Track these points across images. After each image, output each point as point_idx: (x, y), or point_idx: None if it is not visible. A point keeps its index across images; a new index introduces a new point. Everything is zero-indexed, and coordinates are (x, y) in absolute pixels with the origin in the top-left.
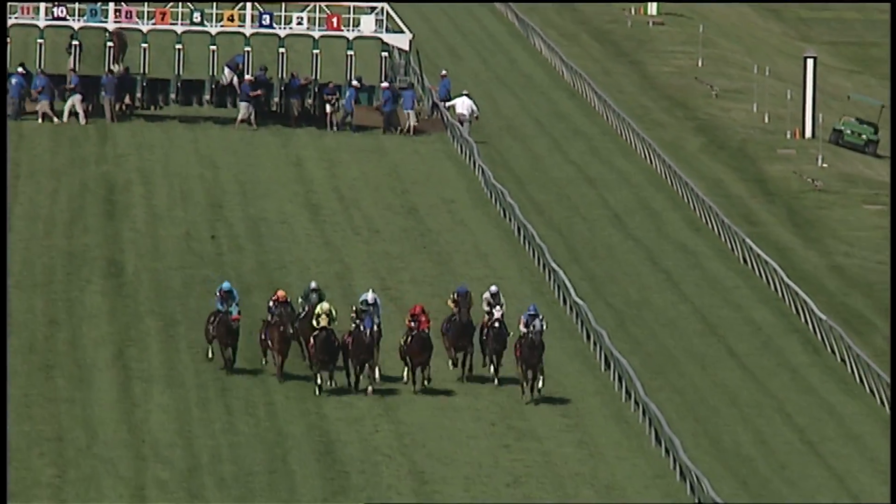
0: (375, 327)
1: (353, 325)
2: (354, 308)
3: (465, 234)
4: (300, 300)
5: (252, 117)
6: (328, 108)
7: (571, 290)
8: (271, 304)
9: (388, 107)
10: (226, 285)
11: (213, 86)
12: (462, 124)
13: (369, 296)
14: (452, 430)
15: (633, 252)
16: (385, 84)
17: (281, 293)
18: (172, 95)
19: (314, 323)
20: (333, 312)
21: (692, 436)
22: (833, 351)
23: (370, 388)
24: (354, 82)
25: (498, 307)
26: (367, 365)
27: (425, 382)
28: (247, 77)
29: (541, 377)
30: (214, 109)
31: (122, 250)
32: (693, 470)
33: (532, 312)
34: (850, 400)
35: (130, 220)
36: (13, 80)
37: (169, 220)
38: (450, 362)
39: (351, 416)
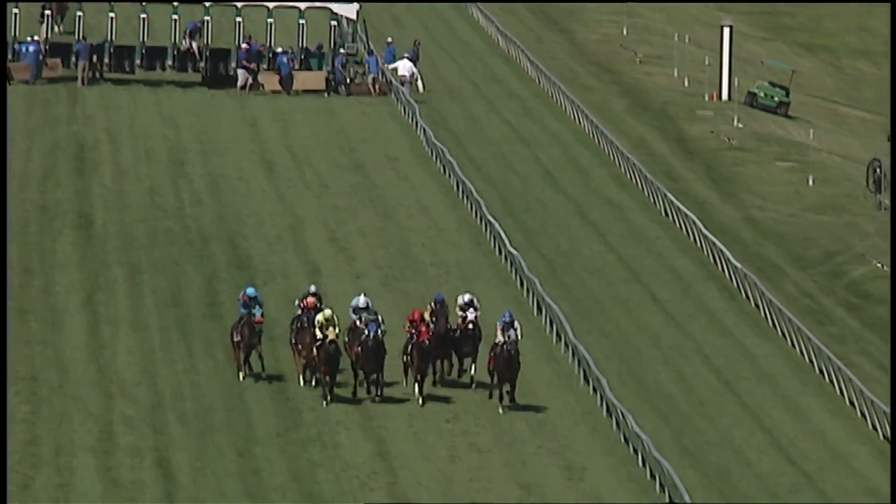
0: (380, 334)
1: (363, 335)
2: (363, 317)
3: (408, 188)
4: (297, 303)
5: (248, 84)
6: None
7: (506, 241)
8: (300, 310)
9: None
10: (250, 291)
11: (175, 52)
12: (403, 85)
13: (361, 300)
14: (398, 369)
15: (563, 206)
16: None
17: (310, 300)
18: (137, 61)
19: (317, 332)
20: (336, 319)
21: (618, 375)
22: (747, 297)
23: (376, 399)
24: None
25: (472, 309)
26: (375, 374)
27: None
28: (242, 45)
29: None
30: (176, 74)
31: (91, 204)
32: (618, 407)
33: (507, 319)
34: (764, 342)
35: (99, 176)
36: (31, 48)
37: (134, 176)
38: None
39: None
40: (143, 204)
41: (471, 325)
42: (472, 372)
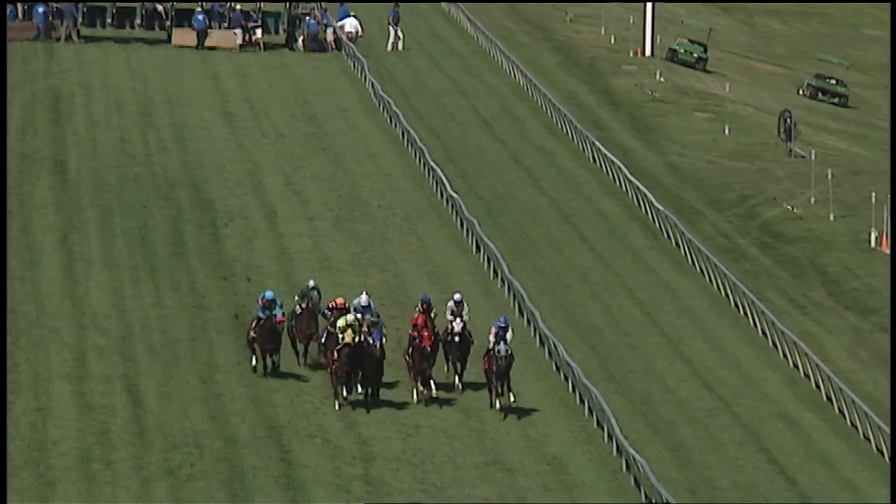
0: (384, 339)
1: (364, 340)
2: (366, 322)
3: (357, 137)
4: (296, 297)
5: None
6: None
7: (447, 185)
8: (327, 311)
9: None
10: (269, 294)
11: (143, 11)
12: (350, 41)
13: (363, 299)
14: (348, 302)
15: (500, 153)
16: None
17: (339, 300)
18: (108, 20)
19: (339, 337)
20: (357, 325)
21: (549, 308)
22: (668, 236)
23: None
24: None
25: (459, 318)
26: (375, 379)
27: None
28: (238, 7)
29: (511, 393)
30: (144, 32)
31: (66, 151)
32: (550, 337)
33: (502, 325)
34: (683, 278)
35: (73, 126)
36: (40, 9)
37: (106, 126)
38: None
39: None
40: (114, 151)
41: (456, 338)
42: (461, 377)
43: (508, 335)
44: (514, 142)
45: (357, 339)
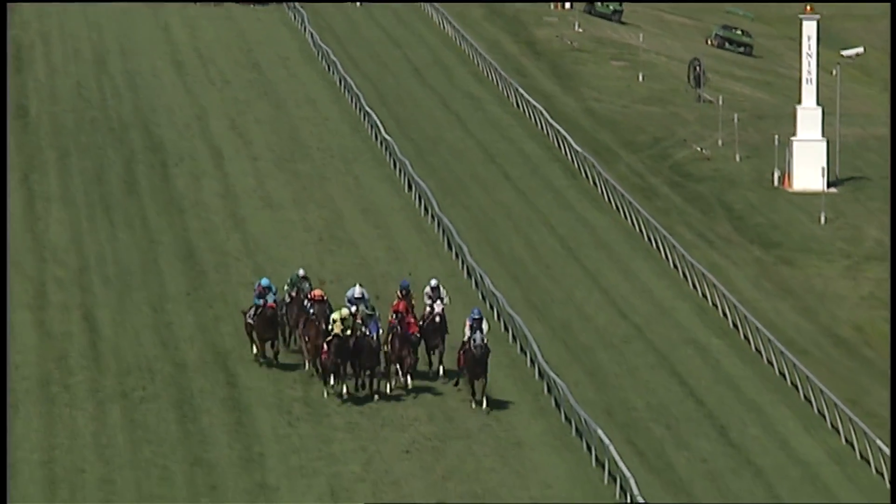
0: (380, 330)
1: (359, 332)
2: (360, 315)
3: (297, 84)
4: (286, 287)
5: None
6: None
7: (381, 128)
8: (307, 302)
9: None
10: (264, 281)
11: None
12: None
13: (356, 290)
14: (288, 237)
15: (430, 98)
16: None
17: (317, 292)
18: None
19: (333, 328)
20: (351, 320)
21: (476, 242)
22: (586, 176)
23: (376, 397)
24: None
25: (439, 301)
26: (373, 370)
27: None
28: None
29: (485, 387)
30: None
31: (27, 97)
32: (477, 269)
33: (477, 317)
34: (600, 214)
35: (33, 73)
36: None
37: (64, 73)
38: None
39: (208, 226)
40: (72, 97)
41: (437, 319)
42: (440, 364)
43: (484, 327)
44: (444, 88)
45: (348, 332)
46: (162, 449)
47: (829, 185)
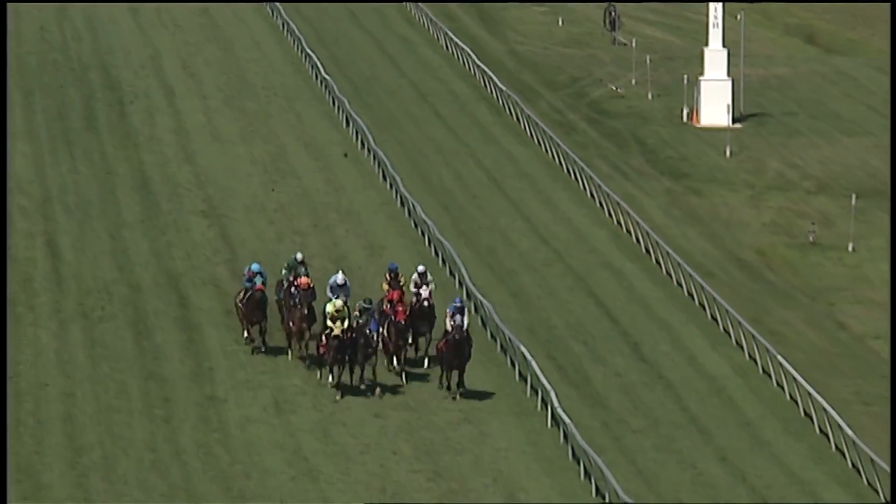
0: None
1: (356, 323)
2: (357, 308)
3: (244, 27)
4: (283, 271)
5: None
6: None
7: (321, 69)
8: (294, 289)
9: None
10: (255, 266)
11: None
12: None
13: (339, 278)
14: (235, 169)
15: (366, 41)
16: None
17: (303, 279)
18: None
19: (328, 322)
20: (346, 311)
21: (408, 174)
22: (510, 113)
23: (378, 390)
24: None
25: (425, 286)
26: (368, 363)
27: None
28: None
29: (462, 378)
30: None
31: None
32: (409, 199)
33: (458, 304)
34: (523, 148)
35: None
36: None
37: (27, 17)
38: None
39: (161, 159)
40: (35, 40)
41: (426, 304)
42: (427, 349)
43: (465, 318)
44: (378, 31)
45: (347, 329)
46: (119, 364)
47: (733, 121)
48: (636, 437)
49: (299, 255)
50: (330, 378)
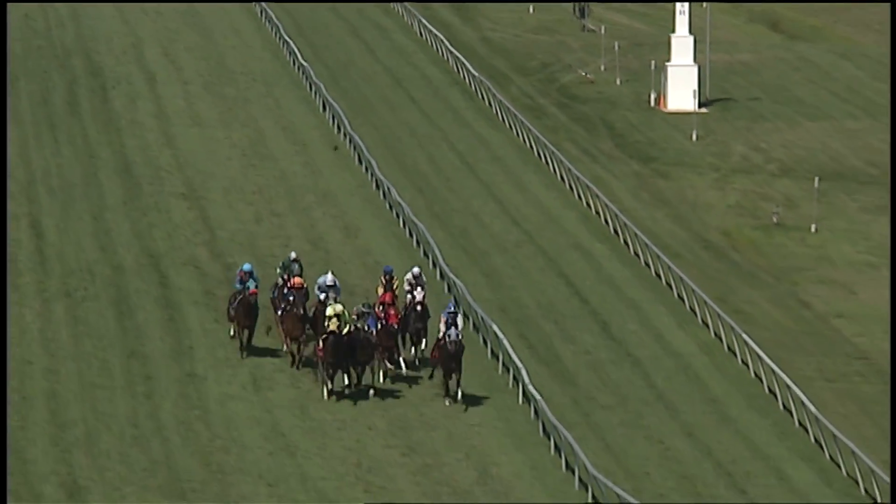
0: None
1: (355, 328)
2: (356, 311)
3: (223, 15)
4: (278, 270)
5: None
6: None
7: (298, 55)
8: (286, 290)
9: None
10: (246, 266)
11: None
12: None
13: (328, 278)
14: (214, 153)
15: (342, 28)
16: None
17: (297, 280)
18: None
19: (328, 324)
20: (346, 315)
21: (384, 158)
22: (482, 98)
23: (371, 391)
24: None
25: (419, 288)
26: (368, 366)
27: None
28: None
29: (459, 384)
30: None
31: None
32: (384, 182)
33: (452, 310)
34: (495, 132)
35: None
36: None
37: (12, 5)
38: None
39: (142, 143)
40: (20, 27)
41: (419, 307)
42: (423, 347)
43: (459, 321)
44: (354, 19)
45: (344, 329)
46: (102, 342)
47: (699, 106)
48: (605, 413)
49: (293, 254)
50: (327, 385)
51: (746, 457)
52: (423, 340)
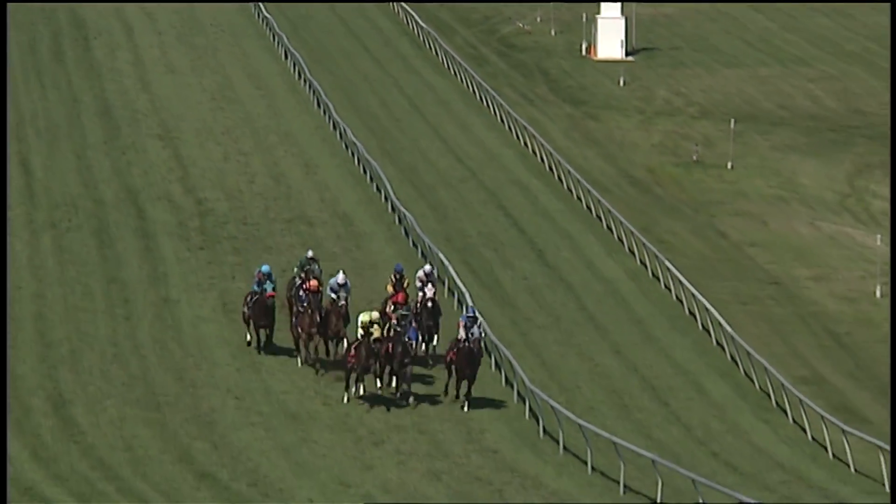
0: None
1: (395, 332)
2: (396, 315)
3: None
4: (295, 269)
5: None
6: None
7: (262, 8)
8: (302, 292)
9: None
10: (265, 268)
11: None
12: None
13: (339, 278)
14: (186, 97)
15: None
16: None
17: (313, 283)
18: None
19: (360, 331)
20: (381, 321)
21: (339, 101)
22: (430, 47)
23: (411, 398)
24: None
25: (430, 285)
26: (405, 371)
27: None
28: None
29: (470, 389)
30: None
31: None
32: (341, 123)
33: (471, 315)
34: (441, 78)
35: None
36: None
37: None
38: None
39: (121, 88)
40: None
41: (430, 304)
42: (434, 343)
43: (480, 329)
44: None
45: (385, 338)
46: (84, 269)
47: (626, 55)
48: (540, 333)
49: (310, 253)
50: (354, 390)
51: (669, 372)
52: (435, 337)
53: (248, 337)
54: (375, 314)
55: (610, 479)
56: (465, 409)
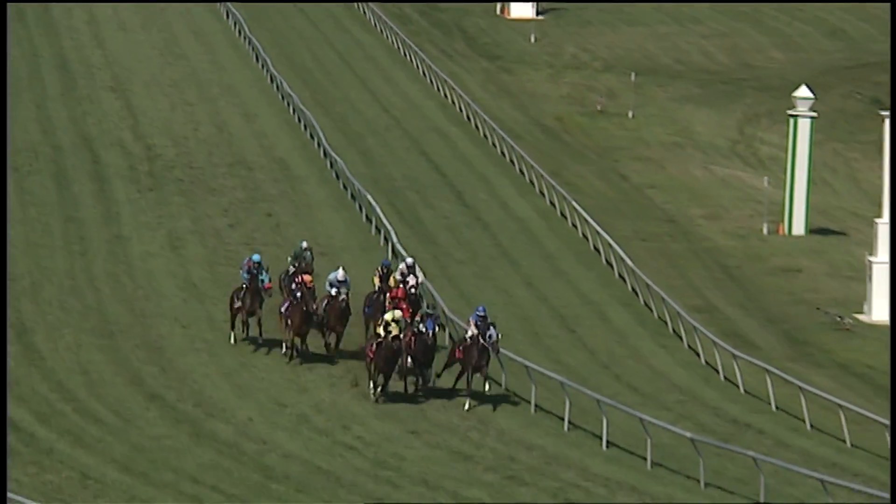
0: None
1: (416, 328)
2: (420, 314)
3: None
4: (289, 258)
5: None
6: None
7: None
8: (294, 285)
9: None
10: (256, 257)
11: None
12: None
13: (339, 274)
14: (137, 53)
15: None
16: None
17: (307, 277)
18: None
19: (380, 330)
20: (404, 322)
21: (277, 57)
22: (358, 7)
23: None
24: None
25: (412, 276)
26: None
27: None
28: None
29: (488, 380)
30: None
31: None
32: (278, 77)
33: (482, 314)
34: (368, 35)
35: None
36: None
37: None
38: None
39: (77, 44)
40: None
41: (412, 291)
42: None
43: (494, 330)
44: None
45: (405, 336)
46: (44, 209)
47: (537, 14)
48: (460, 267)
49: (304, 243)
50: (371, 388)
51: (576, 302)
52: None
53: (233, 339)
54: (398, 313)
55: (523, 399)
56: (466, 407)
